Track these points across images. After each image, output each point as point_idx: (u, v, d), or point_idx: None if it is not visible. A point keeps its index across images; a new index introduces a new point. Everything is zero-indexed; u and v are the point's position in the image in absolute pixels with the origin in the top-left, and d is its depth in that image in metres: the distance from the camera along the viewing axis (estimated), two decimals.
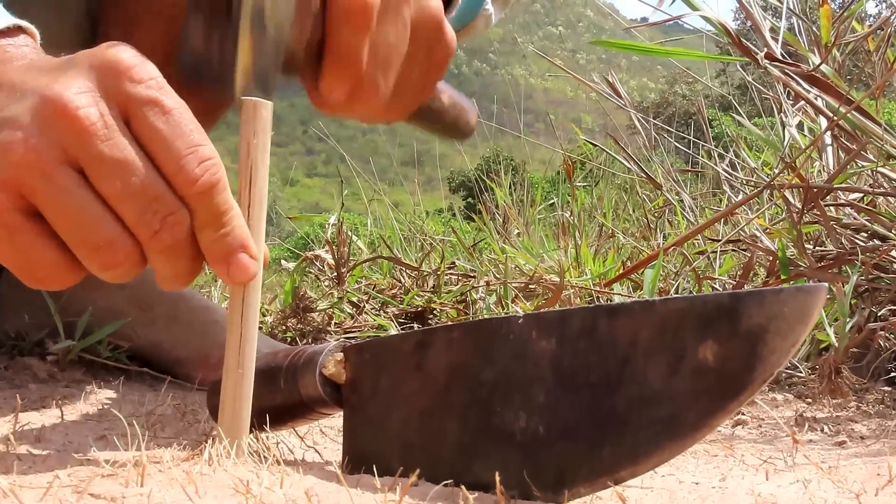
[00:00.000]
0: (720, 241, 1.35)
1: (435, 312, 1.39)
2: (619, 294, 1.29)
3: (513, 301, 1.31)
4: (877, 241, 1.09)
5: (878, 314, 1.01)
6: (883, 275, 1.05)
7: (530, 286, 1.37)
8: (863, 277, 1.03)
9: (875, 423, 0.81)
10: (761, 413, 0.88)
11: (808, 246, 1.14)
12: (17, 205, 0.44)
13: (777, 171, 1.25)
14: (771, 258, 1.14)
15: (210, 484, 0.42)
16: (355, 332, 1.32)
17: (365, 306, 1.38)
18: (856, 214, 1.14)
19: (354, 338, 1.28)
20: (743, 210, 1.45)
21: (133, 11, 0.82)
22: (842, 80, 1.08)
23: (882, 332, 0.96)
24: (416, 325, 1.36)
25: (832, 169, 1.22)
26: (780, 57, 1.09)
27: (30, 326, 0.96)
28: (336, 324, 1.33)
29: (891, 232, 1.07)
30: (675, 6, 2.94)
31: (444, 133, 0.76)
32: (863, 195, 1.15)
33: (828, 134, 1.22)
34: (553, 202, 2.32)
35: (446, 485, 0.45)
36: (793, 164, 1.17)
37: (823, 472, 0.57)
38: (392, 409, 0.52)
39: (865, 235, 1.13)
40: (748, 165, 1.59)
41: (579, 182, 2.17)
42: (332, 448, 0.69)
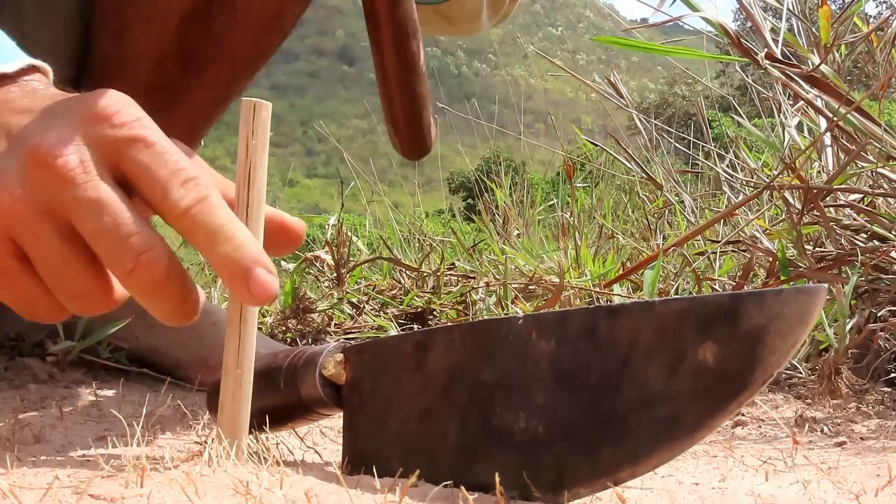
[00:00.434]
0: (720, 241, 1.35)
1: (435, 313, 1.39)
2: (619, 295, 1.29)
3: (512, 302, 1.31)
4: (876, 242, 1.09)
5: (878, 315, 1.01)
6: (883, 276, 1.05)
7: (530, 287, 1.37)
8: (862, 278, 1.03)
9: (875, 424, 0.81)
10: (761, 414, 0.88)
11: (807, 247, 1.14)
12: (11, 251, 0.45)
13: (777, 172, 1.26)
14: (771, 259, 1.14)
15: (210, 485, 0.42)
16: (355, 332, 1.32)
17: (365, 307, 1.38)
18: (855, 215, 1.14)
19: (354, 338, 1.28)
20: (743, 211, 1.46)
21: (124, 16, 0.83)
22: (842, 80, 1.08)
23: (882, 333, 0.96)
24: (416, 326, 1.36)
25: (832, 170, 1.22)
26: (781, 57, 1.09)
27: (30, 327, 0.96)
28: (336, 324, 1.33)
29: (890, 233, 1.07)
30: (674, 7, 2.94)
31: (405, 126, 0.73)
32: (863, 196, 1.15)
33: (827, 135, 1.22)
34: (553, 203, 2.32)
35: (446, 486, 0.45)
36: (792, 164, 1.17)
37: (823, 473, 0.57)
38: (392, 409, 0.52)
39: (865, 236, 1.13)
40: (748, 166, 1.59)
41: (579, 183, 2.17)
42: (331, 449, 0.69)
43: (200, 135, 0.97)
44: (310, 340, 1.28)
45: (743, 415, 0.87)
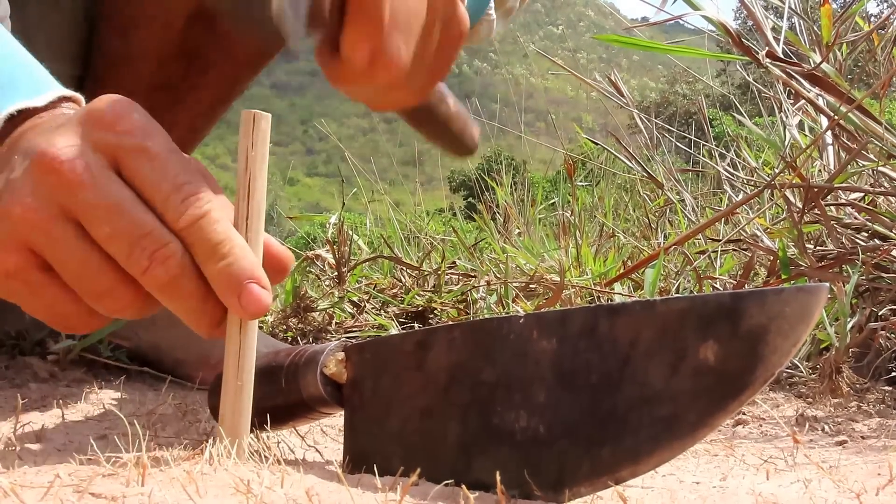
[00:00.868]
0: (721, 240, 1.35)
1: (435, 312, 1.39)
2: (620, 294, 1.29)
3: (513, 301, 1.31)
4: (877, 241, 1.09)
5: (879, 314, 1.01)
6: (884, 274, 1.05)
7: (531, 286, 1.37)
8: (863, 277, 1.03)
9: (876, 423, 0.81)
10: (762, 412, 0.88)
11: (808, 245, 1.14)
12: (33, 262, 0.46)
13: (778, 171, 1.26)
14: (772, 258, 1.14)
15: (211, 483, 0.42)
16: (356, 331, 1.32)
17: (366, 306, 1.38)
18: (856, 214, 1.14)
19: (355, 337, 1.28)
20: (744, 209, 1.46)
21: (129, 16, 0.83)
22: (843, 79, 1.08)
23: (883, 332, 0.96)
24: (417, 325, 1.36)
25: (833, 168, 1.22)
26: (782, 56, 1.09)
27: (30, 326, 0.96)
28: (337, 323, 1.33)
29: (891, 231, 1.07)
30: (676, 6, 2.94)
31: (450, 143, 0.76)
32: (863, 195, 1.15)
33: (828, 133, 1.22)
34: (554, 202, 2.32)
35: (447, 484, 0.45)
36: (793, 163, 1.17)
37: (824, 472, 0.57)
38: (393, 408, 0.52)
39: (866, 235, 1.13)
40: (749, 165, 1.59)
41: (580, 182, 2.17)
42: (332, 447, 0.69)
43: (203, 133, 0.98)
44: (311, 339, 1.28)
45: (744, 414, 0.87)
